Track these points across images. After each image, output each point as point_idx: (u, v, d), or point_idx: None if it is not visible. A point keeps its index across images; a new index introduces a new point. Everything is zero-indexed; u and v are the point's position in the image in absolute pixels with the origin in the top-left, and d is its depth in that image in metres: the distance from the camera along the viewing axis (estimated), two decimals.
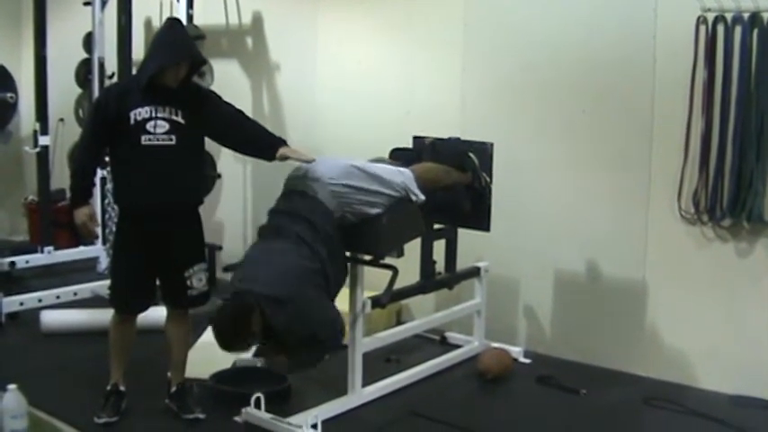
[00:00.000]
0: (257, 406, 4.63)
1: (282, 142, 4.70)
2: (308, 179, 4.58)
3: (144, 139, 4.40)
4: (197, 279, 4.68)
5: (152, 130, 4.41)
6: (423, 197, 4.84)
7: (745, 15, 5.00)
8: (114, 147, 4.53)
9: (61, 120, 8.68)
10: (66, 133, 8.66)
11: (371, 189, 4.62)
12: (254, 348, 4.68)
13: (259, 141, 4.74)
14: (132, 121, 4.39)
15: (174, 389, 4.84)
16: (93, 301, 6.69)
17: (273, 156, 4.65)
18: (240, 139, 4.76)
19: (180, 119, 4.45)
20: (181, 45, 4.52)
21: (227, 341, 4.21)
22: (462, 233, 5.61)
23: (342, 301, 5.06)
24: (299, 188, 4.59)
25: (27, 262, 7.55)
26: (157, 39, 4.60)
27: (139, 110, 4.40)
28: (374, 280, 5.03)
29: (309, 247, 4.37)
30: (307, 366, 4.62)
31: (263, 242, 4.55)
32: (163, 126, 4.43)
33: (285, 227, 4.47)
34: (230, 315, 4.21)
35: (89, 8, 7.54)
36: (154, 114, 4.42)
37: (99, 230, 7.38)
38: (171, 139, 4.45)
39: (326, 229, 4.46)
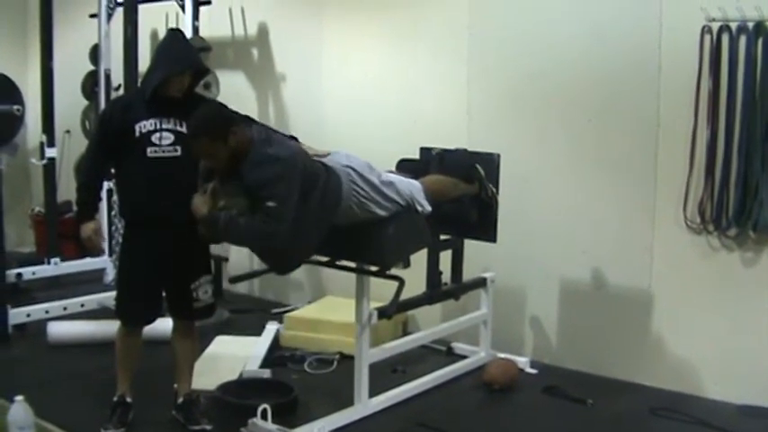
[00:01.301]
0: (264, 417, 4.63)
1: (293, 140, 4.70)
2: (324, 161, 4.58)
3: (149, 151, 4.41)
4: (203, 291, 4.69)
5: (157, 141, 4.42)
6: (429, 208, 4.84)
7: (750, 25, 5.00)
8: (120, 159, 4.54)
9: (68, 132, 8.72)
10: (72, 145, 8.70)
11: (381, 189, 4.63)
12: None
13: None
14: (138, 134, 4.40)
15: (180, 400, 4.84)
16: (99, 313, 6.69)
17: None
18: None
19: (185, 130, 4.45)
20: (183, 55, 4.53)
21: (201, 128, 4.16)
22: (468, 244, 5.61)
23: (347, 313, 5.08)
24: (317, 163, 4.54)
25: (34, 273, 7.56)
26: (160, 49, 4.61)
27: (144, 122, 4.41)
28: (380, 291, 5.03)
29: (318, 165, 4.41)
30: (219, 227, 4.17)
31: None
32: (168, 138, 4.44)
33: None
34: (220, 109, 4.36)
35: (95, 20, 7.59)
36: (159, 126, 4.43)
37: (105, 243, 7.43)
38: (176, 151, 4.45)
39: (334, 187, 4.44)
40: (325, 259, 5.04)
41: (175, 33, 4.70)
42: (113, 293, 4.88)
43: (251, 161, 4.14)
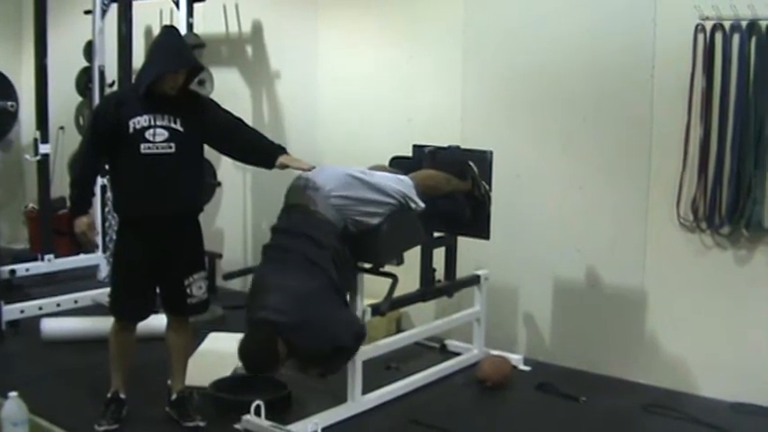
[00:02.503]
0: (257, 413, 4.64)
1: (282, 150, 4.71)
2: (309, 190, 4.57)
3: (143, 148, 4.41)
4: (197, 287, 4.69)
5: (151, 138, 4.42)
6: (422, 205, 4.85)
7: (743, 23, 5.01)
8: (114, 155, 4.54)
9: (61, 128, 8.71)
10: (66, 141, 8.69)
11: (371, 199, 4.62)
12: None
13: (258, 149, 4.75)
14: (131, 130, 4.40)
15: (174, 396, 4.85)
16: (93, 309, 6.70)
17: (273, 164, 4.66)
18: (239, 146, 4.77)
19: (179, 126, 4.46)
20: (178, 52, 4.53)
21: (259, 369, 4.43)
22: (462, 241, 5.62)
23: None
24: (301, 202, 4.58)
25: (27, 270, 7.54)
26: (155, 46, 4.61)
27: (138, 118, 4.41)
28: (374, 288, 5.03)
29: (317, 265, 4.39)
30: (337, 368, 4.65)
31: (271, 265, 4.55)
32: (162, 134, 4.44)
33: (290, 248, 4.48)
34: (257, 347, 4.31)
35: (89, 17, 7.57)
36: (153, 122, 4.43)
37: (99, 239, 7.42)
38: (170, 147, 4.45)
39: (331, 243, 4.47)
40: None
41: (171, 30, 4.70)
42: (107, 290, 4.89)
43: (306, 356, 4.44)
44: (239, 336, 4.83)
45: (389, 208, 4.69)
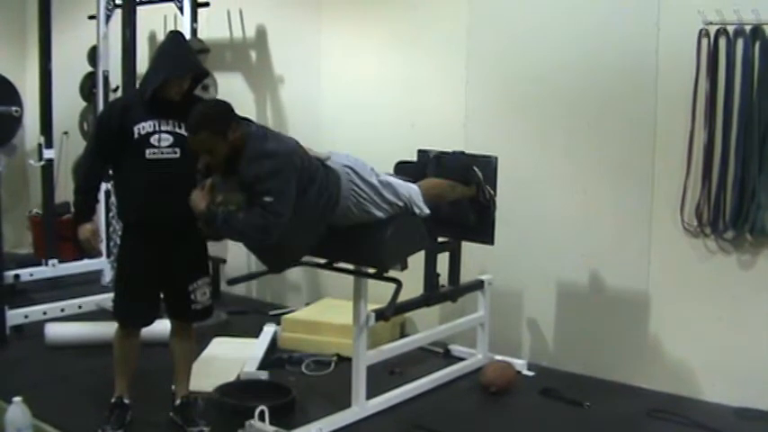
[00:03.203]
0: (261, 419, 4.63)
1: None
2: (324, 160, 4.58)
3: (148, 153, 4.42)
4: (201, 293, 4.69)
5: (156, 143, 4.42)
6: (427, 211, 4.85)
7: (747, 28, 5.01)
8: (118, 161, 4.54)
9: (66, 133, 8.71)
10: (70, 147, 8.69)
11: (379, 190, 4.63)
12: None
13: None
14: (136, 135, 4.40)
15: (178, 402, 4.85)
16: (97, 314, 6.71)
17: None
18: None
19: (184, 131, 4.45)
20: (183, 58, 4.53)
21: (200, 124, 4.16)
22: (466, 246, 5.62)
23: (345, 314, 5.09)
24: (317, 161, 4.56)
25: (31, 275, 7.56)
26: (160, 52, 4.61)
27: (143, 124, 4.41)
28: (378, 293, 5.03)
29: (316, 162, 4.43)
30: (220, 223, 4.18)
31: None
32: (167, 139, 4.44)
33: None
34: (219, 104, 4.32)
35: (93, 22, 7.59)
36: (158, 128, 4.43)
37: (103, 245, 7.43)
38: (175, 152, 4.45)
39: (331, 186, 4.45)
40: (323, 261, 5.05)
41: (176, 36, 4.70)
42: (111, 295, 4.88)
43: (248, 156, 4.15)
44: (244, 341, 4.87)
45: (395, 208, 4.69)
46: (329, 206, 4.47)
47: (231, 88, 7.56)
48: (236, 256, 7.70)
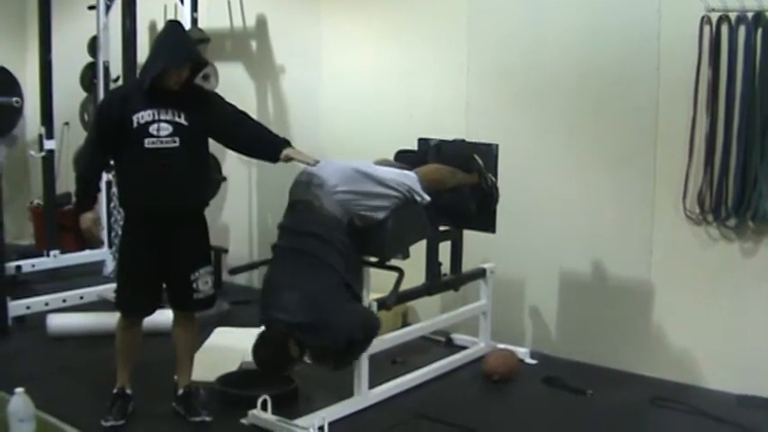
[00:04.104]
0: (264, 408, 4.64)
1: (286, 143, 4.70)
2: (313, 186, 4.55)
3: (147, 143, 4.41)
4: (203, 282, 4.68)
5: (155, 132, 4.41)
6: (427, 198, 4.84)
7: (749, 15, 5.00)
8: (118, 150, 4.53)
9: (66, 124, 8.70)
10: (71, 137, 8.69)
11: (376, 192, 4.61)
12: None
13: (262, 142, 4.73)
14: (135, 125, 4.40)
15: (180, 392, 4.85)
16: (99, 305, 6.71)
17: (277, 157, 4.64)
18: (243, 140, 4.75)
19: (183, 121, 4.45)
20: (182, 47, 4.52)
21: (272, 369, 4.47)
22: (468, 234, 5.61)
23: None
24: (305, 198, 4.56)
25: (33, 266, 7.56)
26: (159, 41, 4.60)
27: (142, 113, 4.40)
28: (380, 282, 5.03)
29: (326, 263, 4.39)
30: (350, 363, 4.69)
31: (280, 265, 4.55)
32: (166, 129, 4.43)
33: (298, 247, 4.48)
34: (270, 347, 4.32)
35: (94, 12, 7.57)
36: (157, 117, 4.42)
37: (104, 235, 7.43)
38: (174, 142, 4.44)
39: (339, 238, 4.45)
40: None
41: (174, 25, 4.68)
42: (113, 285, 4.88)
43: (319, 353, 4.46)
44: (246, 330, 4.87)
45: (395, 202, 4.68)
46: (350, 250, 4.55)
47: (231, 78, 7.55)
48: (238, 245, 7.71)
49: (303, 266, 4.39)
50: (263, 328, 4.41)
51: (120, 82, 7.05)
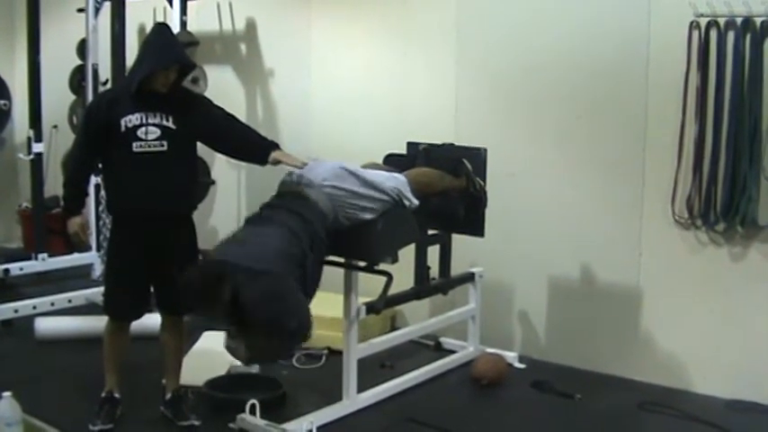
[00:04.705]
0: (252, 412, 4.63)
1: (275, 146, 4.69)
2: (302, 184, 4.55)
3: (135, 146, 4.40)
4: None
5: (143, 136, 4.41)
6: (416, 202, 4.83)
7: (738, 20, 5.01)
8: (106, 154, 4.53)
9: (55, 127, 8.67)
10: (60, 140, 8.65)
11: (364, 194, 4.60)
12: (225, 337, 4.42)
13: (251, 145, 4.72)
14: (123, 129, 4.39)
15: (168, 396, 4.84)
16: (87, 308, 6.68)
17: (266, 160, 4.63)
18: (231, 142, 4.75)
19: (171, 124, 4.44)
20: (170, 49, 4.52)
21: (193, 304, 4.15)
22: (456, 238, 5.61)
23: (336, 308, 5.07)
24: (295, 189, 4.55)
25: (21, 269, 7.54)
26: (146, 43, 4.59)
27: (130, 117, 4.40)
28: (368, 286, 5.03)
29: (296, 235, 4.24)
30: (266, 357, 4.42)
31: (249, 226, 4.41)
32: (154, 132, 4.42)
33: (275, 217, 4.37)
34: (201, 277, 4.04)
35: (82, 15, 7.55)
36: (144, 121, 4.41)
37: (93, 238, 7.41)
38: (162, 145, 4.44)
39: (316, 227, 4.38)
40: None
41: (161, 28, 4.69)
42: (101, 289, 4.87)
43: (249, 309, 3.92)
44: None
45: (383, 205, 4.67)
46: (323, 246, 4.42)
47: (221, 81, 7.54)
48: None
49: (274, 230, 4.25)
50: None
51: (110, 85, 7.03)
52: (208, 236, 7.33)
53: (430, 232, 5.47)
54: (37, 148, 7.45)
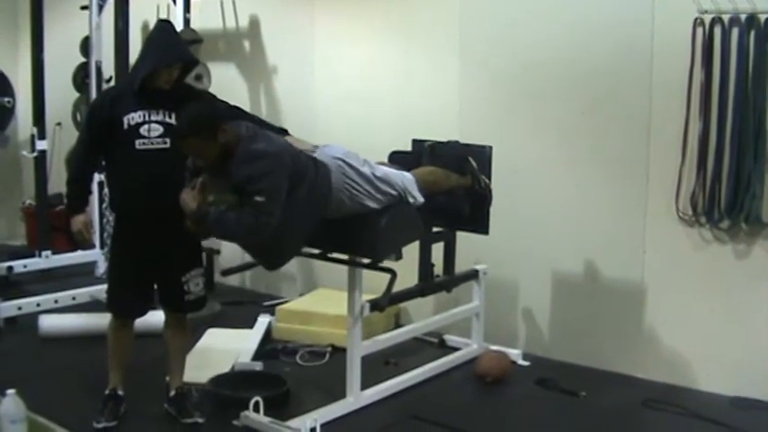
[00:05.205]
0: (256, 410, 4.64)
1: (284, 132, 4.69)
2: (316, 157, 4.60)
3: (138, 144, 4.40)
4: (194, 284, 4.67)
5: (146, 133, 4.40)
6: (421, 199, 4.84)
7: (742, 17, 4.99)
8: (109, 152, 4.53)
9: (59, 124, 8.68)
10: (63, 137, 8.67)
11: (373, 180, 4.63)
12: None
13: None
14: (126, 126, 4.39)
15: (172, 393, 4.84)
16: (91, 306, 6.68)
17: None
18: None
19: (173, 121, 4.43)
20: (172, 47, 4.51)
21: (191, 127, 4.15)
22: (461, 236, 5.60)
23: (339, 305, 5.08)
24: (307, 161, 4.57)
25: (25, 266, 7.55)
26: (149, 40, 4.60)
27: (132, 114, 4.39)
28: (373, 283, 5.02)
29: (306, 159, 4.44)
30: (212, 220, 4.17)
31: None
32: (157, 129, 4.42)
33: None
34: (210, 106, 4.27)
35: (86, 12, 7.55)
36: (147, 118, 4.41)
37: (96, 236, 7.41)
38: (165, 143, 4.43)
39: (323, 183, 4.46)
40: (317, 251, 5.03)
41: (164, 25, 4.68)
42: (105, 286, 4.87)
43: (239, 157, 4.14)
44: (238, 332, 4.85)
45: (389, 198, 4.69)
46: (320, 203, 4.47)
47: (224, 78, 7.53)
48: (229, 246, 7.67)
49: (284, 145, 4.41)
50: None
51: (113, 82, 7.04)
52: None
53: (434, 229, 5.47)
54: (40, 145, 7.46)
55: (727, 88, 5.08)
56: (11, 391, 3.96)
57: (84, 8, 7.60)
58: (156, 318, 4.94)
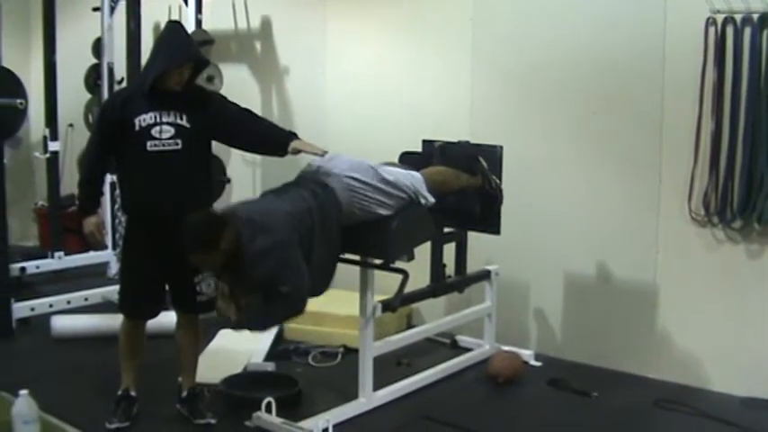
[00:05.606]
0: (268, 410, 4.64)
1: (293, 136, 4.69)
2: (321, 173, 4.58)
3: (150, 145, 4.40)
4: (206, 284, 4.67)
5: (157, 135, 4.40)
6: (432, 200, 4.84)
7: (755, 16, 4.98)
8: (120, 153, 4.53)
9: (71, 125, 8.71)
10: (75, 139, 8.69)
11: (382, 189, 4.62)
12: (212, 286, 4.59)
13: (269, 138, 4.71)
14: (137, 128, 4.39)
15: (184, 394, 4.85)
16: (103, 307, 6.69)
17: (285, 151, 4.62)
18: (250, 137, 4.74)
19: (185, 122, 4.44)
20: (182, 47, 4.51)
21: (192, 246, 4.18)
22: (472, 236, 5.60)
23: (351, 305, 5.08)
24: (315, 178, 4.58)
25: (37, 267, 7.57)
26: (160, 41, 4.60)
27: (144, 116, 4.39)
28: (384, 284, 5.02)
29: (308, 206, 4.39)
30: (254, 321, 4.39)
31: (264, 195, 4.62)
32: (168, 131, 4.42)
33: (289, 190, 4.53)
34: (207, 219, 4.23)
35: (98, 13, 7.58)
36: (158, 120, 4.41)
37: (108, 237, 7.43)
38: (177, 144, 4.44)
39: (330, 209, 4.46)
40: None
41: (174, 26, 4.68)
42: (117, 287, 4.88)
43: (248, 263, 4.17)
44: (250, 334, 4.84)
45: (400, 202, 4.69)
46: (333, 227, 4.52)
47: (236, 80, 7.54)
48: None
49: (284, 198, 4.44)
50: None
51: (125, 83, 7.05)
52: None
53: (446, 230, 5.47)
54: (53, 146, 7.49)
55: (740, 88, 5.07)
56: (24, 392, 3.97)
57: (95, 9, 7.63)
58: (168, 318, 4.94)
